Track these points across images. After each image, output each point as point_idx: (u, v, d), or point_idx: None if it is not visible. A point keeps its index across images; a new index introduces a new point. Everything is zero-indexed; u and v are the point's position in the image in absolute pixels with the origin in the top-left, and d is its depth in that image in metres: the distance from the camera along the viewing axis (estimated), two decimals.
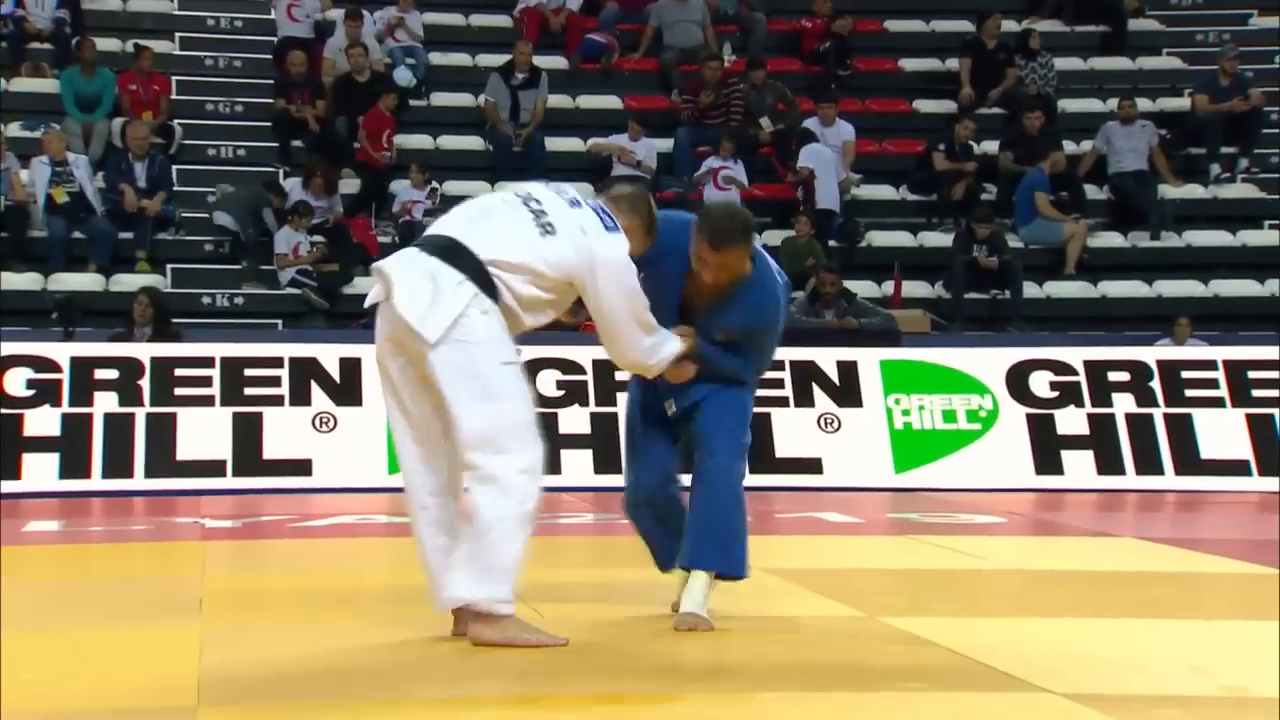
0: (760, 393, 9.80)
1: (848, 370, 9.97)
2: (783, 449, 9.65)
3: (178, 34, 15.43)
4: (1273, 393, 10.03)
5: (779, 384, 9.84)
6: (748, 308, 4.79)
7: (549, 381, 9.71)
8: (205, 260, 13.49)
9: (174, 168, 13.89)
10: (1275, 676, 4.21)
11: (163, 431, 9.38)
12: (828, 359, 10.00)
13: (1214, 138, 15.00)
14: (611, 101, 15.24)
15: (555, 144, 14.53)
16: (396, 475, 4.73)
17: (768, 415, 9.69)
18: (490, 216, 4.54)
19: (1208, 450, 9.88)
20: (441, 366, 4.37)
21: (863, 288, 13.17)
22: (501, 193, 4.77)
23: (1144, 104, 15.16)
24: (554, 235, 4.46)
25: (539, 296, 4.47)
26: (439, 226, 4.58)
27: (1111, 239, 14.43)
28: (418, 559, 4.57)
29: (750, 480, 5.06)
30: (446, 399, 4.38)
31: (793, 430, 9.73)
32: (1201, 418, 9.95)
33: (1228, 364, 10.16)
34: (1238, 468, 9.86)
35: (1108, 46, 16.45)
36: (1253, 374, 10.11)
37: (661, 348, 4.63)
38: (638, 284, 4.53)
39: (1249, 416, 9.96)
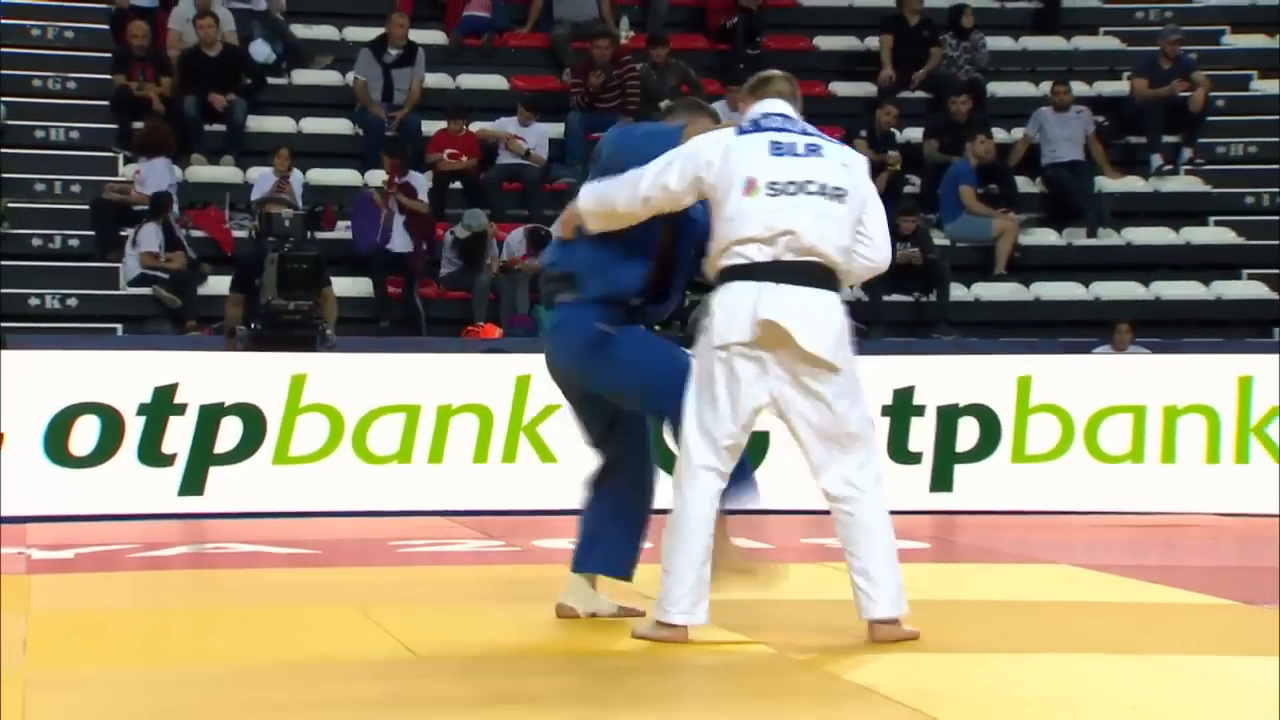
0: None
1: None
2: None
3: None
4: None
5: None
6: None
7: None
8: (34, 256, 13.15)
9: None
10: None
11: None
12: None
13: (1155, 125, 15.11)
14: (496, 81, 15.05)
15: (432, 128, 14.29)
16: None
17: None
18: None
19: None
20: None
21: None
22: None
23: (1079, 88, 15.25)
24: None
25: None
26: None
27: (1045, 236, 14.51)
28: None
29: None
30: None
31: None
32: None
33: None
34: None
35: (1040, 24, 16.50)
36: None
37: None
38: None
39: None
